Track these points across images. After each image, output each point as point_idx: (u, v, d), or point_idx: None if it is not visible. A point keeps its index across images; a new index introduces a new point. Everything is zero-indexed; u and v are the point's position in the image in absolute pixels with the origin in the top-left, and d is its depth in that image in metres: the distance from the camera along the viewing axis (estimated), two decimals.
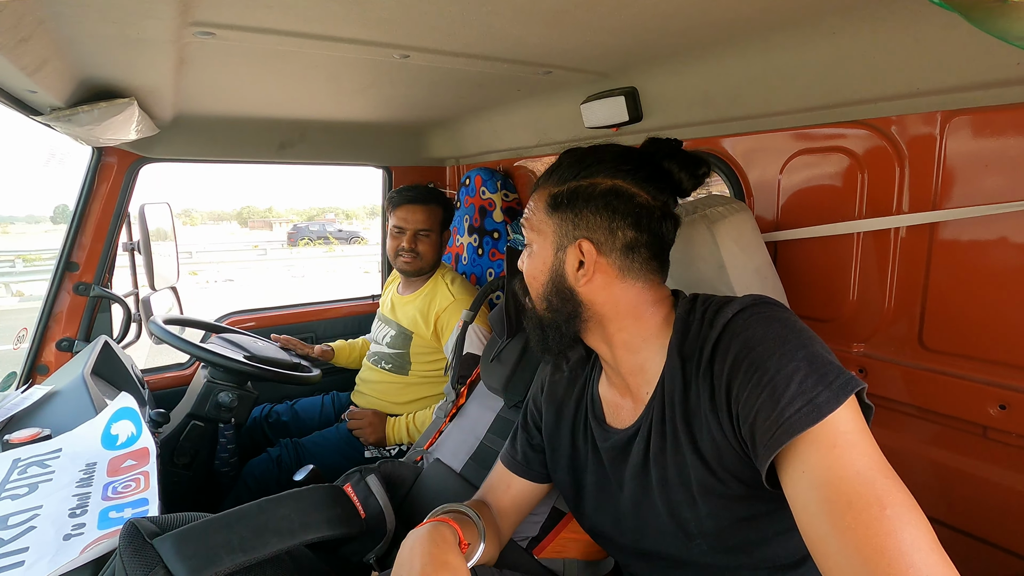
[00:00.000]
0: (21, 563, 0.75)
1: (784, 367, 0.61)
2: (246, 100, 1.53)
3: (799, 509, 0.57)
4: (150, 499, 0.89)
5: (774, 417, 0.59)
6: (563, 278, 0.78)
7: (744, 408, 0.63)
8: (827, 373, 0.60)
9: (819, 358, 0.61)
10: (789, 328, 0.65)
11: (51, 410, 1.23)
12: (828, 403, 0.58)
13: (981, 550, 0.99)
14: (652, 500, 0.76)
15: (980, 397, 0.96)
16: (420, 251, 1.83)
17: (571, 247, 0.76)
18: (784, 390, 0.59)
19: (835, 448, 0.56)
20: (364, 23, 0.91)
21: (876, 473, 0.55)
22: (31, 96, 1.11)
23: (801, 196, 1.20)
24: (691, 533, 0.73)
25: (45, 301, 1.69)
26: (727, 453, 0.67)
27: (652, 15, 0.89)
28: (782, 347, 0.62)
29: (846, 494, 0.54)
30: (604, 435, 0.83)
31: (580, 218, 0.75)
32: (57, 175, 45.06)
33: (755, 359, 0.63)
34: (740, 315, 0.68)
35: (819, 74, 1.00)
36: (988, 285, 0.95)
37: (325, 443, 1.77)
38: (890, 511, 0.52)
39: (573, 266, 0.76)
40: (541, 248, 0.80)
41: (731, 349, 0.66)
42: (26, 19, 0.78)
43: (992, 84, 0.86)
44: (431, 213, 1.84)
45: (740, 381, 0.64)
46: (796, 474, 0.58)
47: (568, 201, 0.76)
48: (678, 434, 0.71)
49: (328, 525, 0.85)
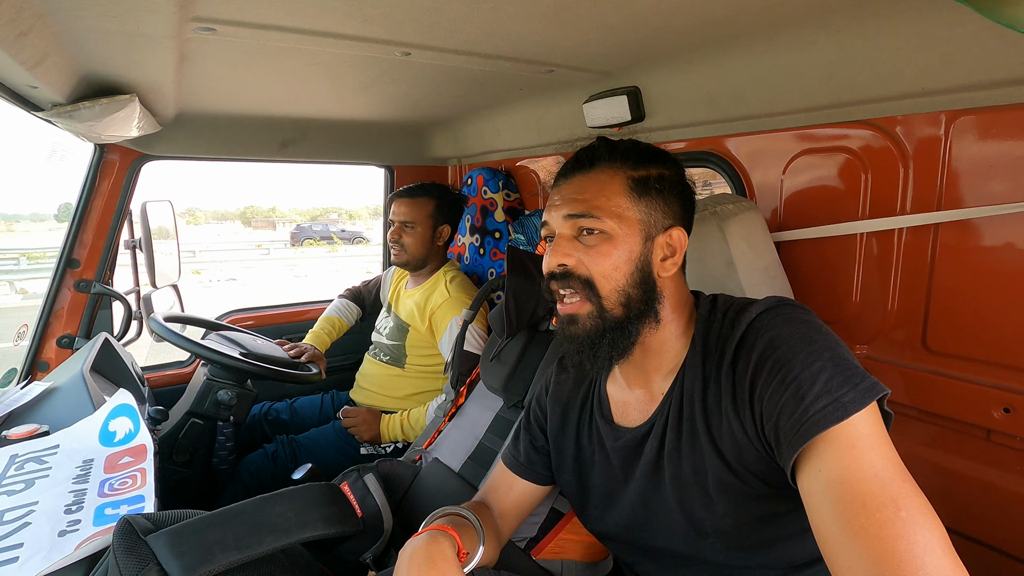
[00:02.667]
0: (15, 559, 0.74)
1: (810, 366, 0.61)
2: (248, 97, 1.52)
3: (813, 507, 0.57)
4: (146, 496, 0.89)
5: (799, 414, 0.59)
6: (650, 268, 0.74)
7: (768, 405, 0.63)
8: (853, 375, 0.60)
9: (845, 360, 0.62)
10: (815, 329, 0.65)
11: (50, 406, 1.23)
12: (854, 403, 0.58)
13: (984, 554, 0.98)
14: (663, 497, 0.76)
15: (984, 400, 0.95)
16: (404, 243, 1.87)
17: (661, 235, 0.74)
18: (809, 388, 0.59)
19: (854, 449, 0.56)
20: (365, 20, 0.90)
21: (893, 476, 0.55)
22: (32, 92, 1.11)
23: (804, 196, 1.19)
24: (704, 531, 0.73)
25: (46, 298, 1.69)
26: (747, 452, 0.67)
27: (655, 13, 0.88)
28: (808, 347, 0.62)
29: (861, 494, 0.53)
30: (614, 435, 0.82)
31: (668, 205, 0.74)
32: (61, 172, 45.30)
33: (780, 357, 0.63)
34: (764, 315, 0.68)
35: (823, 73, 0.99)
36: (992, 287, 0.94)
37: (321, 440, 1.77)
38: (904, 513, 0.51)
39: (659, 256, 0.74)
40: (627, 237, 0.72)
41: (756, 348, 0.66)
42: (25, 13, 0.78)
43: (998, 84, 0.85)
44: (416, 205, 1.88)
45: (764, 379, 0.63)
46: (813, 472, 0.58)
47: (657, 187, 0.73)
48: (696, 431, 0.71)
49: (324, 524, 0.84)
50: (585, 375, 0.90)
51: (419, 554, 0.70)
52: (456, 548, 0.74)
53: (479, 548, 0.77)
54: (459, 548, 0.74)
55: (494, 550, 0.86)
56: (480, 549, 0.77)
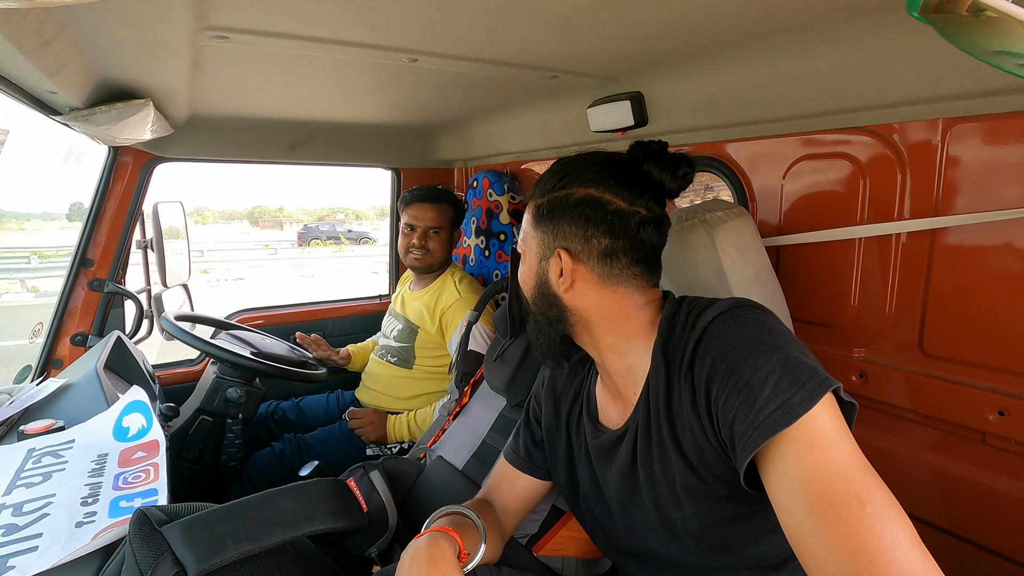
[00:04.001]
0: (35, 548, 0.77)
1: (759, 369, 0.61)
2: (258, 102, 1.56)
3: (782, 509, 0.58)
4: (159, 489, 0.91)
5: (751, 419, 0.60)
6: (547, 285, 0.81)
7: (723, 410, 0.64)
8: (801, 375, 0.60)
9: (793, 359, 0.62)
10: (765, 330, 0.65)
11: (65, 402, 1.26)
12: (802, 404, 0.58)
13: (980, 556, 0.99)
14: (641, 500, 0.78)
15: (979, 403, 0.96)
16: (430, 248, 1.89)
17: (552, 257, 0.79)
18: (760, 392, 0.60)
19: (813, 448, 0.57)
20: (374, 28, 0.93)
21: (855, 471, 0.55)
22: (51, 97, 1.14)
23: (804, 201, 1.21)
24: (678, 532, 0.74)
25: (60, 296, 1.72)
26: (709, 454, 0.68)
27: (657, 20, 0.90)
28: (757, 349, 0.63)
29: (826, 493, 0.54)
30: (594, 432, 0.85)
31: (558, 228, 0.78)
32: (73, 173, 45.72)
33: (732, 362, 0.64)
34: (720, 318, 0.68)
35: (823, 80, 1.01)
36: (988, 291, 0.95)
37: (328, 440, 1.79)
38: (869, 508, 0.52)
39: (555, 274, 0.79)
40: (528, 258, 0.84)
41: (710, 352, 0.67)
42: (48, 23, 0.81)
43: (994, 92, 0.86)
44: (441, 211, 1.90)
45: (719, 384, 0.64)
46: (777, 475, 0.59)
47: (547, 212, 0.79)
48: (663, 435, 0.73)
49: (332, 517, 0.87)
50: (578, 372, 0.93)
51: (420, 555, 0.72)
52: (457, 549, 0.75)
53: (480, 547, 0.79)
54: (460, 549, 0.76)
55: (496, 547, 0.88)
56: (481, 548, 0.79)
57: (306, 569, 0.83)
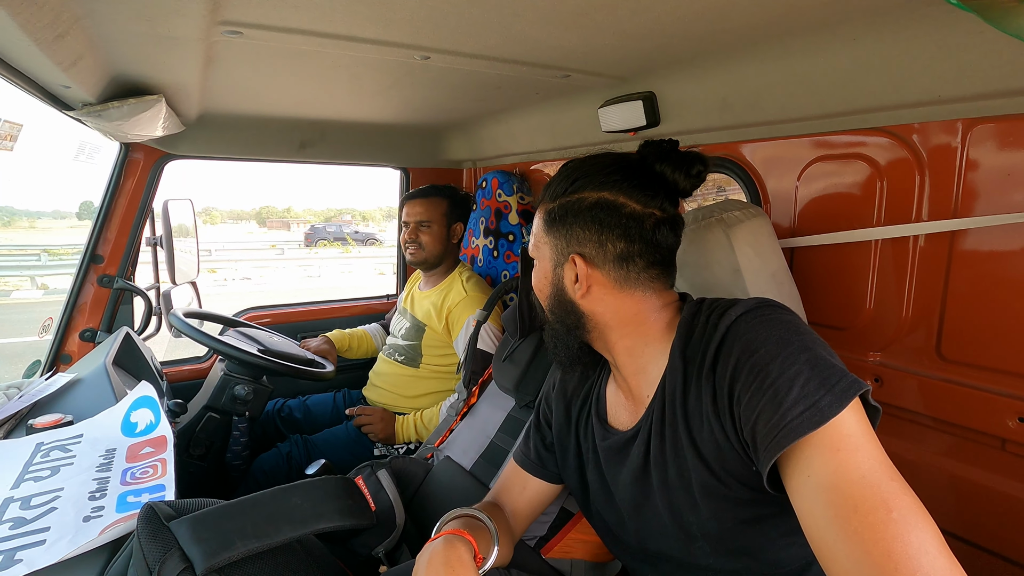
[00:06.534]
0: (43, 542, 0.77)
1: (787, 370, 0.60)
2: (269, 99, 1.56)
3: (804, 513, 0.57)
4: (167, 485, 0.91)
5: (776, 420, 0.59)
6: (563, 292, 0.80)
7: (746, 411, 0.63)
8: (830, 376, 0.59)
9: (822, 361, 0.61)
10: (792, 331, 0.64)
11: (74, 397, 1.26)
12: (831, 407, 0.57)
13: (997, 566, 0.97)
14: (654, 502, 0.76)
15: (999, 409, 0.94)
16: (422, 241, 1.93)
17: (567, 263, 0.78)
18: (787, 394, 0.59)
19: (839, 452, 0.56)
20: (387, 24, 0.93)
21: (881, 476, 0.54)
22: (64, 91, 1.15)
23: (819, 203, 1.19)
24: (693, 535, 0.73)
25: (70, 292, 1.73)
26: (729, 455, 0.67)
27: (671, 19, 0.89)
28: (784, 350, 0.62)
29: (852, 498, 0.53)
30: (604, 434, 0.84)
31: (571, 234, 0.77)
32: (83, 171, 46.05)
33: (757, 362, 0.63)
34: (743, 318, 0.68)
35: (839, 80, 0.99)
36: (1008, 295, 0.94)
37: (335, 440, 1.79)
38: (896, 514, 0.51)
39: (571, 280, 0.78)
40: (542, 264, 0.83)
41: (734, 352, 0.65)
42: (63, 16, 0.81)
43: (1016, 92, 0.85)
44: (430, 205, 1.95)
45: (743, 384, 0.63)
46: (801, 478, 0.57)
47: (559, 217, 0.78)
48: (678, 435, 0.71)
49: (339, 515, 0.86)
50: (588, 374, 0.92)
51: (437, 558, 0.71)
52: (472, 552, 0.74)
53: (493, 550, 0.78)
54: (475, 552, 0.75)
55: (507, 551, 0.87)
56: (494, 551, 0.78)
57: (313, 567, 0.82)
